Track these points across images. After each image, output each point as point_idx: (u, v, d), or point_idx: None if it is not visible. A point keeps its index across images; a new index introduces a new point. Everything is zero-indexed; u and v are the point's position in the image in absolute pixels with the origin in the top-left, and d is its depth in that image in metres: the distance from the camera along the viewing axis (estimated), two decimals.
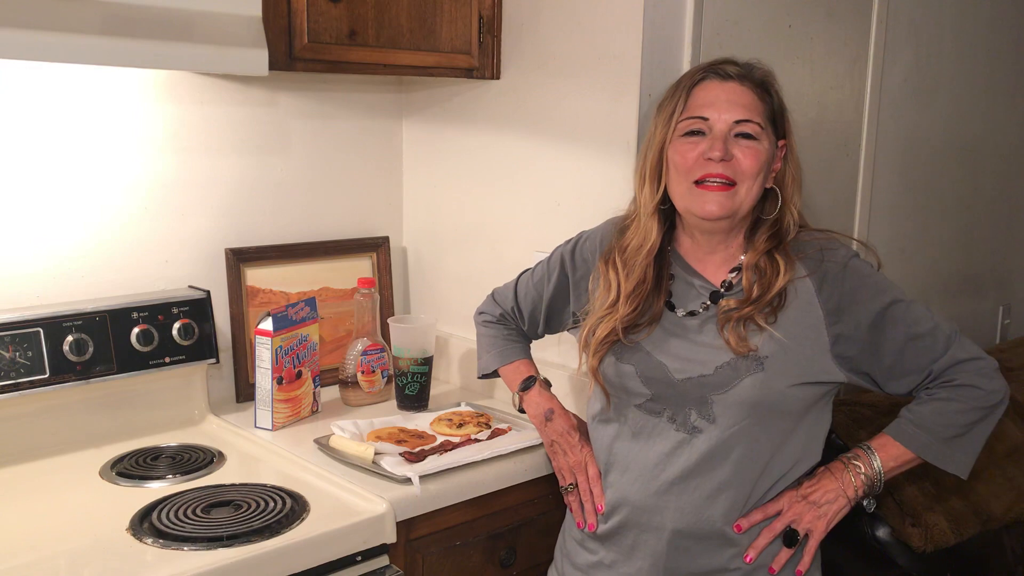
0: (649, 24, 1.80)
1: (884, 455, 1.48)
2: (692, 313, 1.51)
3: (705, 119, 1.44)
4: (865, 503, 1.52)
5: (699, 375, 1.46)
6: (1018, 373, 2.50)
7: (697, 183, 1.45)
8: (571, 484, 1.62)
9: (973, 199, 2.80)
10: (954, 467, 1.47)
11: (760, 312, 1.45)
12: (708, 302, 1.51)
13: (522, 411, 1.74)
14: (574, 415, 1.69)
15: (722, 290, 1.51)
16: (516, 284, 1.78)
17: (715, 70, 1.48)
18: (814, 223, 1.60)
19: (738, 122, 1.43)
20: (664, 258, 1.55)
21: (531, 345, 1.81)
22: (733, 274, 1.51)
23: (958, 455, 1.47)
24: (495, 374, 1.79)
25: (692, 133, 1.45)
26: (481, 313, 1.83)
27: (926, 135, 2.58)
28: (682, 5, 1.85)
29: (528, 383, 1.71)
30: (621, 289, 1.51)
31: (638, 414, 1.51)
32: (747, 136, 1.44)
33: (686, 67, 1.86)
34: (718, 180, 1.43)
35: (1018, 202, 3.00)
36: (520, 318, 1.77)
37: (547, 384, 1.73)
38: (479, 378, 1.83)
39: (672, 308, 1.52)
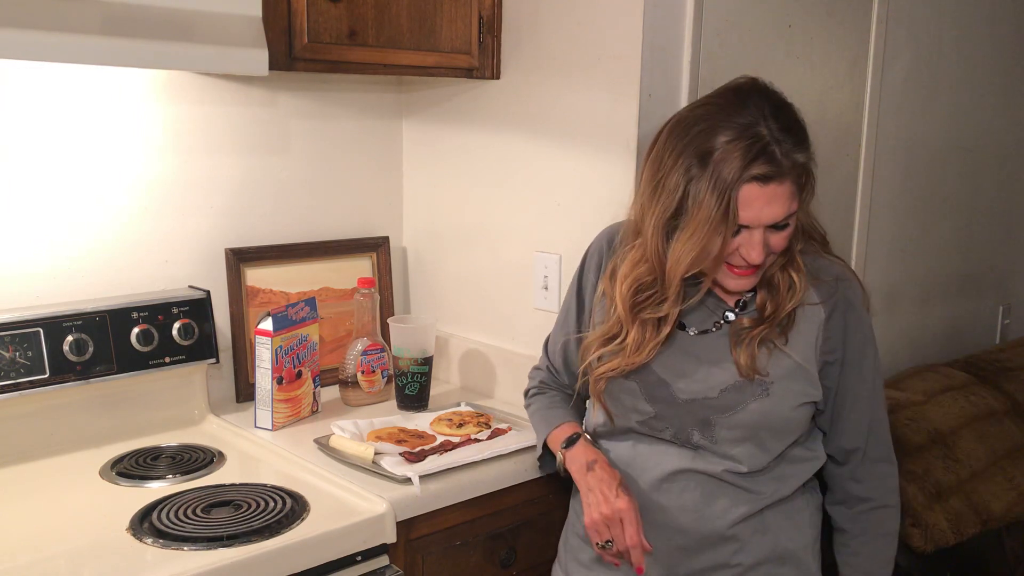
0: (649, 24, 1.80)
1: None
2: (704, 332, 1.49)
3: (746, 226, 1.36)
4: None
5: (703, 397, 1.45)
6: (1018, 373, 2.50)
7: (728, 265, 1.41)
8: (608, 541, 1.46)
9: (973, 199, 2.81)
10: None
11: (773, 331, 1.44)
12: (722, 321, 1.50)
13: (566, 472, 1.57)
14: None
15: (736, 309, 1.49)
16: (545, 344, 1.73)
17: (757, 176, 1.32)
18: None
19: (777, 221, 1.37)
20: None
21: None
22: (748, 293, 1.49)
23: None
24: (547, 452, 1.63)
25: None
26: (525, 393, 1.74)
27: (926, 135, 2.58)
28: (682, 5, 1.85)
29: (572, 440, 1.56)
30: (633, 339, 1.45)
31: (640, 429, 1.51)
32: (783, 227, 1.38)
33: (686, 67, 1.86)
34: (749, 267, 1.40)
35: (1018, 202, 3.00)
36: (556, 372, 1.70)
37: (591, 440, 1.60)
38: (541, 470, 1.70)
39: (683, 327, 1.50)
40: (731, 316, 1.48)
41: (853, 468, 1.53)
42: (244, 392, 2.05)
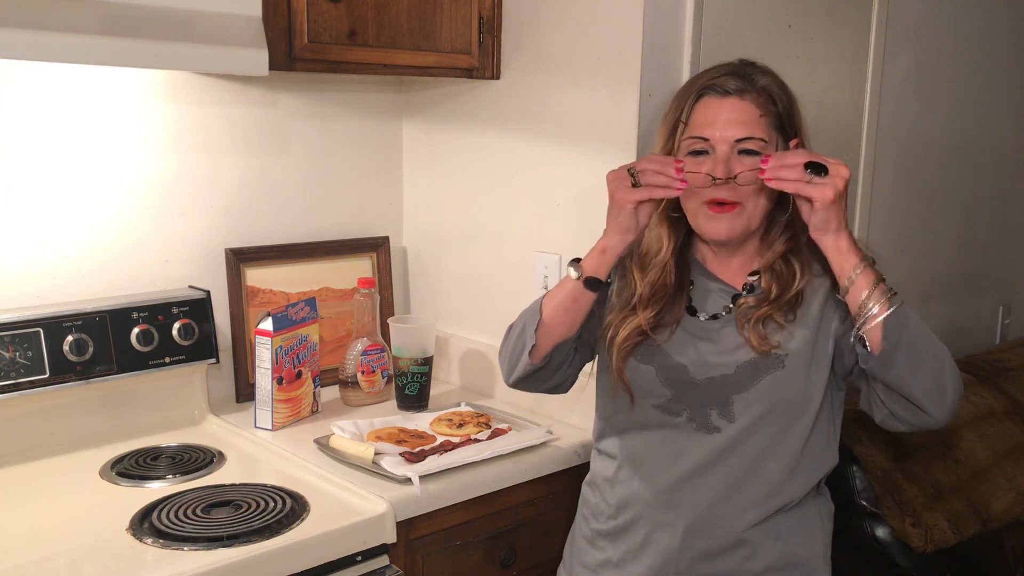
0: (649, 24, 1.80)
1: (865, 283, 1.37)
2: (715, 316, 1.51)
3: (706, 139, 1.44)
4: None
5: (720, 375, 1.46)
6: (1018, 373, 2.50)
7: (707, 203, 1.45)
8: (634, 179, 1.40)
9: (972, 199, 2.80)
10: (880, 362, 1.35)
11: (779, 311, 1.45)
12: (731, 305, 1.51)
13: (590, 282, 1.47)
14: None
15: (744, 292, 1.51)
16: None
17: (714, 86, 1.46)
18: None
19: (739, 140, 1.43)
20: (685, 263, 1.55)
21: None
22: (754, 277, 1.51)
23: (898, 363, 1.35)
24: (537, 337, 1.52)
25: (696, 152, 1.45)
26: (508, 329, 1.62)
27: (926, 135, 2.58)
28: (682, 5, 1.85)
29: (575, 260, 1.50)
30: (640, 293, 1.51)
31: (655, 414, 1.51)
32: (750, 152, 1.43)
33: (686, 67, 1.86)
34: (724, 202, 1.44)
35: (1018, 202, 3.00)
36: None
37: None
38: (531, 359, 1.52)
39: (694, 312, 1.52)
40: (740, 297, 1.50)
41: None
42: (244, 392, 2.05)
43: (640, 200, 1.41)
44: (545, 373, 1.56)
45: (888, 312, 1.34)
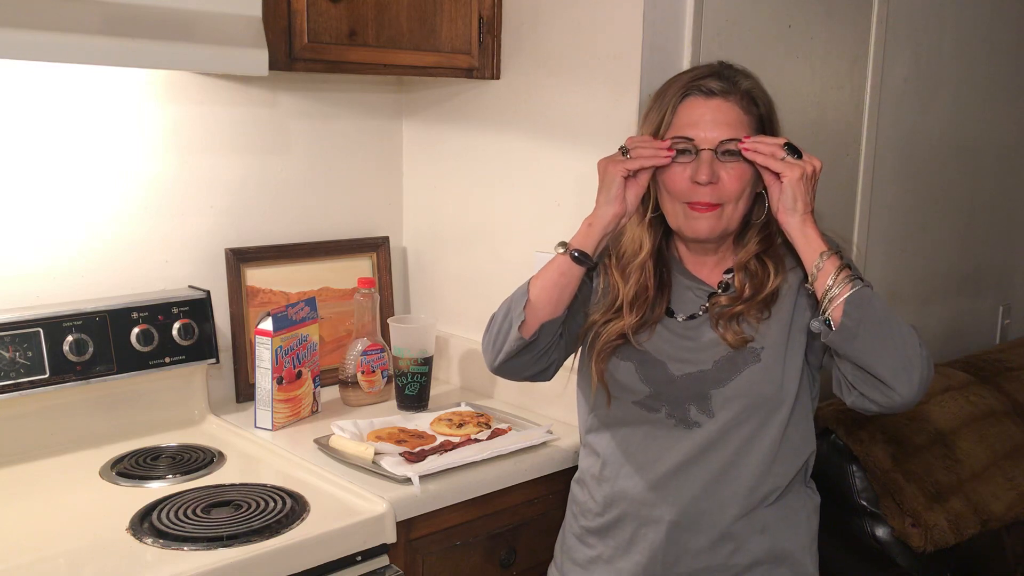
0: (649, 24, 1.80)
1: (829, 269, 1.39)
2: (692, 317, 1.53)
3: (690, 139, 1.45)
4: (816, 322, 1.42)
5: (698, 370, 1.48)
6: (1018, 373, 2.50)
7: (688, 203, 1.47)
8: (624, 150, 1.48)
9: (972, 199, 2.81)
10: (839, 336, 1.36)
11: (753, 309, 1.47)
12: (707, 304, 1.52)
13: (577, 256, 1.48)
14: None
15: (719, 291, 1.53)
16: None
17: (698, 87, 1.46)
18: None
19: (723, 142, 1.44)
20: (665, 263, 1.56)
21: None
22: (728, 275, 1.54)
23: (860, 339, 1.36)
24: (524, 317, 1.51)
25: (680, 152, 1.45)
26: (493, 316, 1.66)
27: (926, 135, 2.58)
28: (682, 5, 1.85)
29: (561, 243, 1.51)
30: (623, 296, 1.52)
31: (635, 410, 1.52)
32: (732, 153, 1.44)
33: (686, 67, 1.86)
34: (706, 204, 1.45)
35: (1017, 202, 3.00)
36: None
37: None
38: (520, 332, 1.50)
39: (671, 314, 1.54)
40: (715, 295, 1.52)
41: None
42: (244, 392, 2.05)
43: (630, 169, 1.45)
44: (532, 354, 1.54)
45: (850, 292, 1.36)
